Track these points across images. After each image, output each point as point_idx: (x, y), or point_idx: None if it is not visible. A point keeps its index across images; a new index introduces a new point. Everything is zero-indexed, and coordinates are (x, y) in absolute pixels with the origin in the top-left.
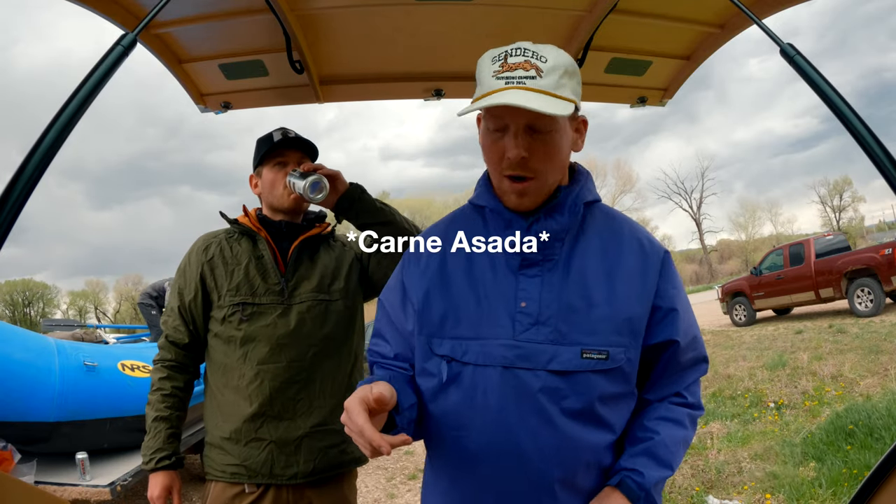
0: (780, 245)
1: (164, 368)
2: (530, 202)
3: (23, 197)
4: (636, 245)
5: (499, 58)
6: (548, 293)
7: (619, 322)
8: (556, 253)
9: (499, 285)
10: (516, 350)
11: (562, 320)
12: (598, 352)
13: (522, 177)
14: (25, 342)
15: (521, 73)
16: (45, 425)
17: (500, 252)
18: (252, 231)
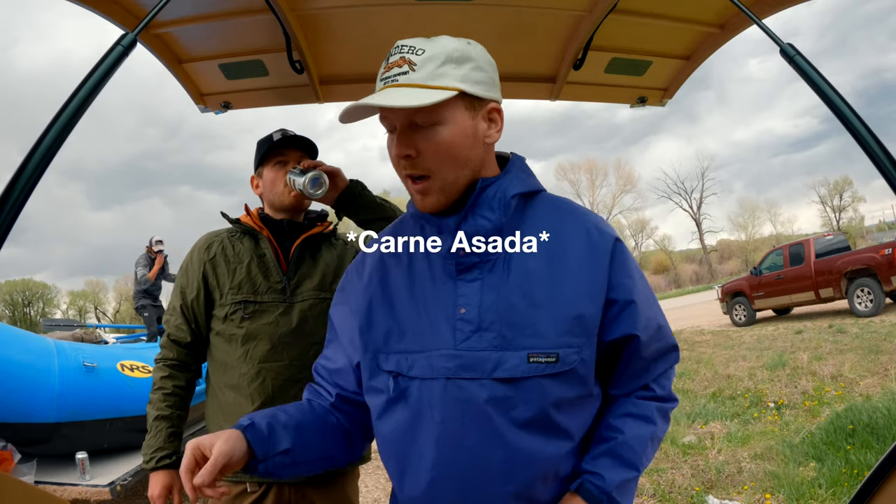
0: (780, 245)
1: (165, 367)
2: (434, 202)
3: (23, 197)
4: (583, 235)
5: (386, 59)
6: (488, 296)
7: (569, 321)
8: (494, 252)
9: (437, 293)
10: (458, 360)
11: (505, 324)
12: (547, 355)
13: (420, 176)
14: (25, 343)
15: (395, 72)
16: (45, 426)
17: (437, 258)
18: (254, 230)
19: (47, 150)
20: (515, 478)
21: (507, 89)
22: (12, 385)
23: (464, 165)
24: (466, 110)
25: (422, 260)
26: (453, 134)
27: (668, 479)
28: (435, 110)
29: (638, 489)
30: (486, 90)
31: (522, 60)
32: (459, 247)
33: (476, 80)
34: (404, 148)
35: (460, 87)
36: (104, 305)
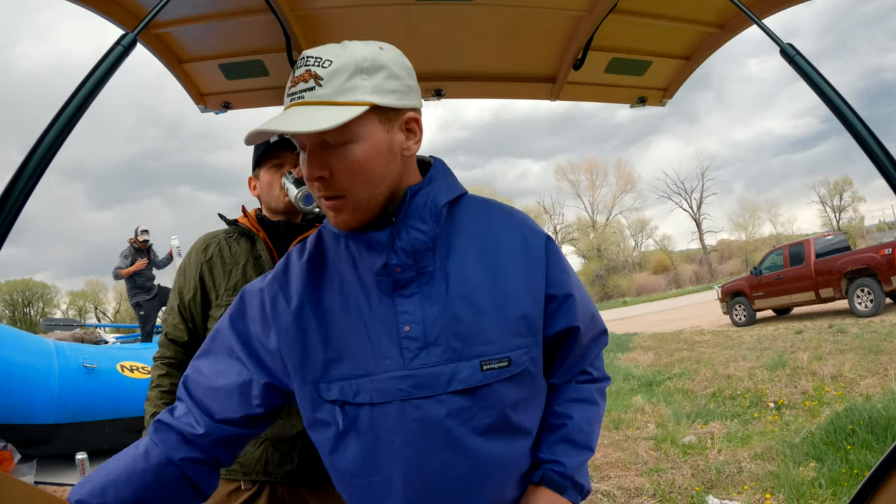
0: (780, 245)
1: (163, 366)
2: (349, 219)
3: (23, 197)
4: (516, 236)
5: (293, 73)
6: (431, 310)
7: (515, 323)
8: (430, 264)
9: (376, 313)
10: (411, 380)
11: (452, 336)
12: (499, 360)
13: (334, 195)
14: (25, 345)
15: (301, 87)
16: (46, 427)
17: (369, 277)
18: (251, 231)
19: (47, 150)
20: (488, 485)
21: (507, 89)
22: (12, 386)
23: (379, 183)
24: (381, 124)
25: (352, 279)
26: (367, 152)
27: (668, 479)
28: (346, 128)
29: (638, 489)
30: (401, 99)
31: (522, 60)
32: (394, 263)
33: (390, 90)
34: (316, 170)
35: (372, 101)
36: (104, 305)
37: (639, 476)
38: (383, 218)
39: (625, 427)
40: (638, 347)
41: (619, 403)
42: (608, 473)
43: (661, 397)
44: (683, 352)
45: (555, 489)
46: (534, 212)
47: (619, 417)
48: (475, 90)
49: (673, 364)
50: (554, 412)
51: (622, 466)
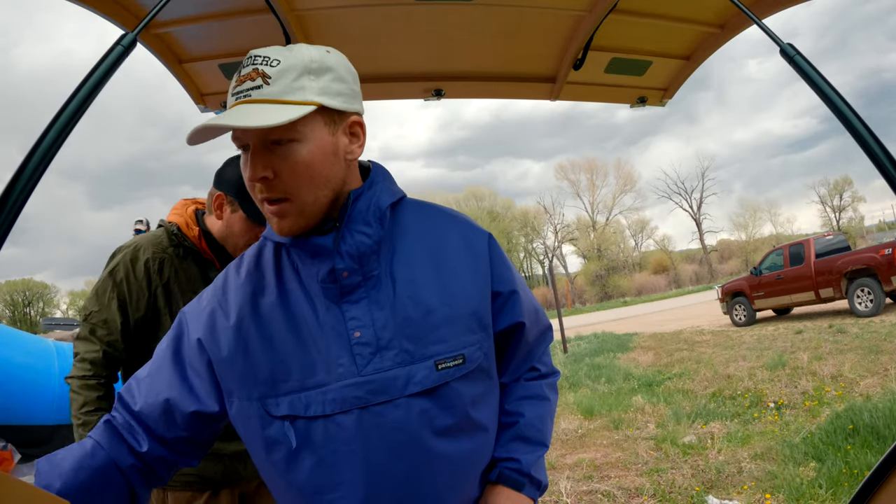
0: (780, 245)
1: (100, 386)
2: (292, 224)
3: (23, 197)
4: (459, 236)
5: (238, 72)
6: (380, 314)
7: (465, 319)
8: (375, 268)
9: (324, 322)
10: (367, 386)
11: (404, 338)
12: (453, 358)
13: (276, 199)
14: (25, 345)
15: (248, 85)
16: (46, 428)
17: (314, 285)
18: (202, 258)
19: (47, 150)
20: (455, 485)
21: (507, 89)
22: (13, 387)
23: (324, 185)
24: (326, 125)
25: (295, 289)
26: (312, 152)
27: (668, 479)
28: (291, 127)
29: (638, 489)
30: (346, 102)
31: (522, 60)
32: (340, 268)
33: (336, 93)
34: (260, 170)
35: (318, 101)
36: None
37: (639, 476)
38: (327, 223)
39: (625, 427)
40: (638, 347)
41: (619, 403)
42: (608, 473)
43: (661, 397)
44: (683, 352)
45: (512, 486)
46: (534, 212)
47: (619, 417)
48: (475, 90)
49: (673, 364)
50: (505, 411)
51: (622, 466)
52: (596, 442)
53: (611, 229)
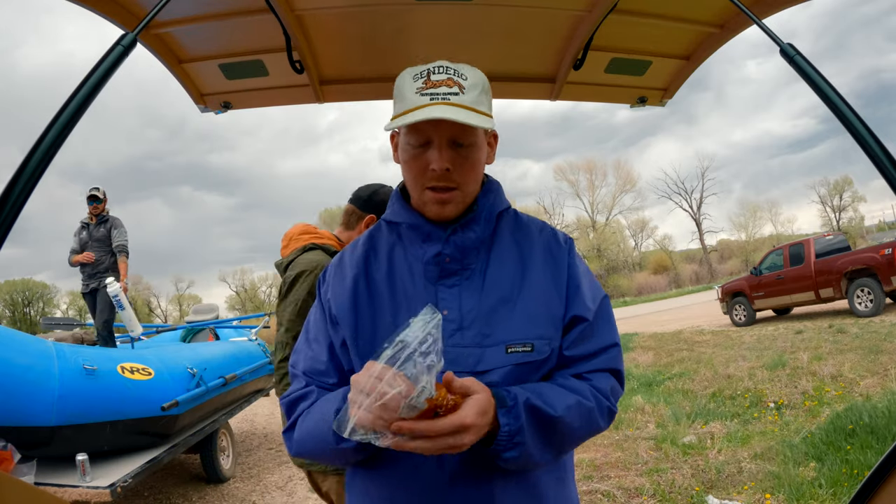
0: (780, 245)
1: None
2: (452, 210)
3: (23, 197)
4: (545, 243)
5: (420, 75)
6: (468, 301)
7: (542, 316)
8: (473, 262)
9: (420, 296)
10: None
11: (484, 323)
12: (523, 345)
13: (445, 187)
14: (25, 346)
15: (444, 90)
16: (46, 429)
17: (419, 265)
18: None
19: (47, 150)
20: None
21: (507, 89)
22: (13, 388)
23: (478, 183)
24: (485, 135)
25: (402, 265)
26: (479, 156)
27: (668, 479)
28: (476, 132)
29: (638, 489)
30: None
31: (522, 60)
32: (445, 253)
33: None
34: (446, 161)
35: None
36: None
37: (639, 476)
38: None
39: (625, 427)
40: (638, 347)
41: (619, 403)
42: (608, 473)
43: (661, 397)
44: (683, 352)
45: (498, 401)
46: (533, 212)
47: (619, 417)
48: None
49: (673, 364)
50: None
51: (622, 466)
52: (596, 442)
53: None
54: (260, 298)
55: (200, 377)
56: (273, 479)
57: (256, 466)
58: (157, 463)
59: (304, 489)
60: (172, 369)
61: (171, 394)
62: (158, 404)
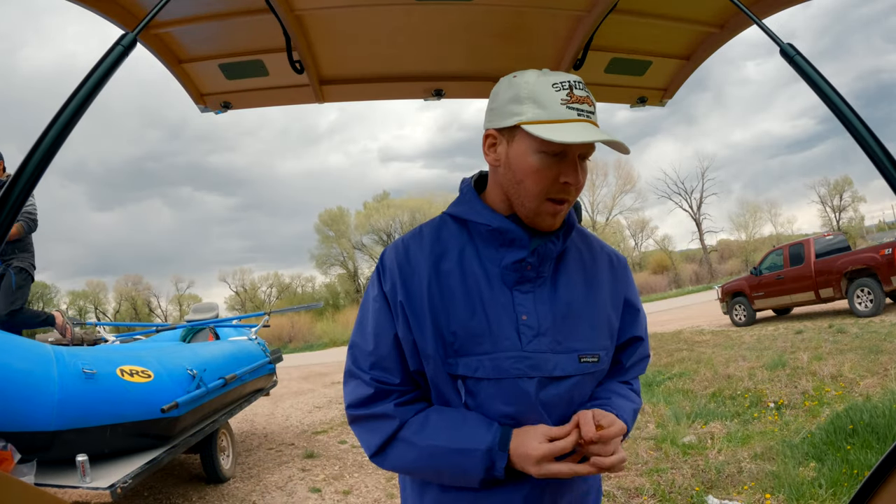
0: (780, 245)
1: None
2: (560, 222)
3: (23, 197)
4: (606, 260)
5: (562, 86)
6: (542, 307)
7: (604, 328)
8: (546, 271)
9: (497, 300)
10: (527, 360)
11: (557, 330)
12: (592, 356)
13: (564, 199)
14: (23, 351)
15: (587, 108)
16: (46, 434)
17: (495, 268)
18: None
19: (47, 150)
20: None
21: None
22: (12, 393)
23: None
24: None
25: (475, 266)
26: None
27: (668, 479)
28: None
29: (638, 489)
30: None
31: (522, 60)
32: (529, 261)
33: None
34: (580, 176)
35: None
36: (104, 305)
37: (639, 476)
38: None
39: None
40: None
41: None
42: (608, 473)
43: (661, 397)
44: (683, 352)
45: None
46: None
47: None
48: (475, 90)
49: (673, 364)
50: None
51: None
52: None
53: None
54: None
55: (200, 378)
56: (273, 479)
57: (256, 466)
58: (158, 463)
59: (305, 489)
60: (172, 371)
61: (170, 395)
62: (158, 406)
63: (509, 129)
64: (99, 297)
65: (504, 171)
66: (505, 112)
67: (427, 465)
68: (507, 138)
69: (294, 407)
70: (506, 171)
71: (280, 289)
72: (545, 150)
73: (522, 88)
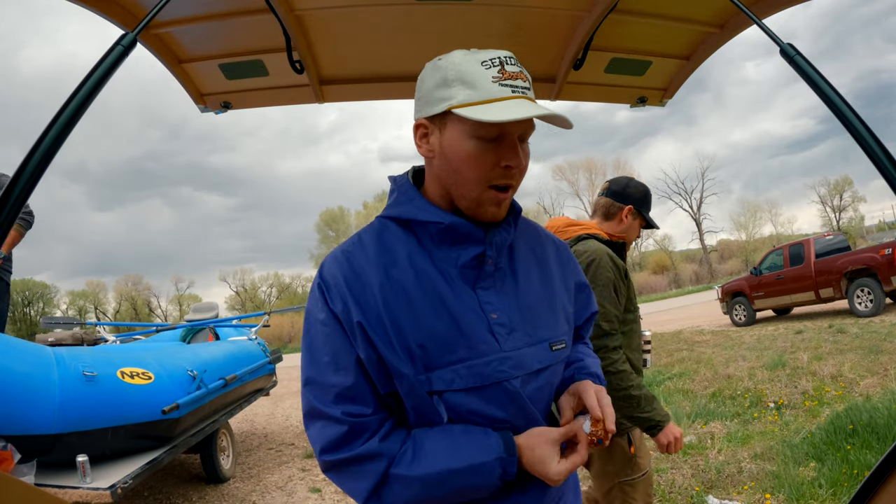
0: (780, 245)
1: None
2: (504, 210)
3: (23, 197)
4: (551, 244)
5: (492, 63)
6: (507, 300)
7: (560, 314)
8: (503, 261)
9: (463, 303)
10: (509, 361)
11: (526, 322)
12: (560, 342)
13: (507, 185)
14: (23, 354)
15: (521, 84)
16: (47, 438)
17: (452, 268)
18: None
19: (47, 150)
20: None
21: None
22: (12, 397)
23: None
24: None
25: (429, 269)
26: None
27: (668, 479)
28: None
29: None
30: None
31: (522, 60)
32: (490, 255)
33: None
34: (521, 158)
35: None
36: (104, 306)
37: None
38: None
39: None
40: None
41: None
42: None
43: (661, 397)
44: (683, 352)
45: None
46: (533, 212)
47: None
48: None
49: (673, 364)
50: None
51: None
52: None
53: None
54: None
55: (201, 379)
56: (273, 479)
57: (256, 466)
58: (158, 464)
59: (305, 489)
60: (172, 372)
61: (171, 397)
62: (159, 408)
63: (440, 116)
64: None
65: (439, 163)
66: (433, 98)
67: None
68: (439, 126)
69: (294, 407)
70: (441, 162)
71: (280, 289)
72: (480, 133)
73: (449, 70)
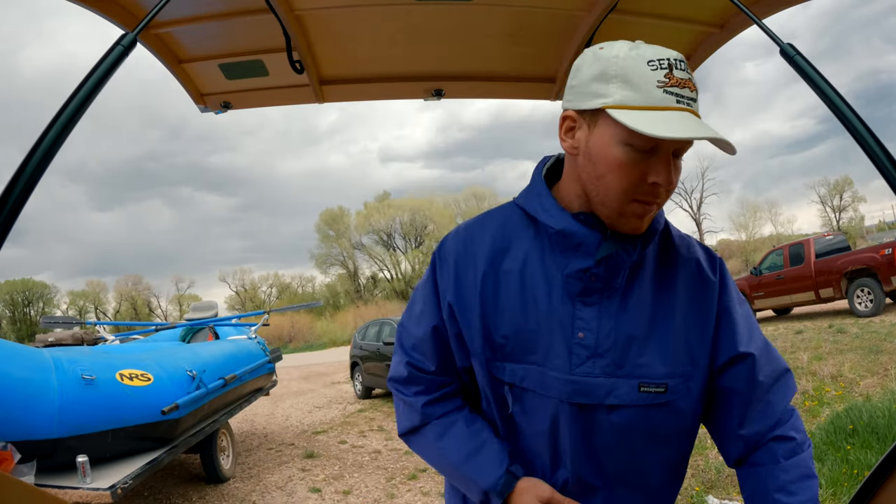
0: (780, 245)
1: None
2: (646, 225)
3: (23, 197)
4: (694, 266)
5: (660, 64)
6: (606, 323)
7: (680, 351)
8: (617, 282)
9: (556, 311)
10: (572, 386)
11: (619, 352)
12: (657, 385)
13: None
14: (22, 359)
15: (688, 94)
16: (48, 442)
17: (558, 275)
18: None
19: (47, 150)
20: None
21: (507, 89)
22: (12, 402)
23: None
24: None
25: (536, 269)
26: None
27: None
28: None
29: None
30: None
31: (522, 60)
32: (595, 271)
33: None
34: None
35: None
36: (104, 305)
37: None
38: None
39: None
40: None
41: None
42: None
43: None
44: None
45: None
46: None
47: None
48: (475, 90)
49: None
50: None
51: None
52: None
53: None
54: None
55: (200, 379)
56: (273, 479)
57: (256, 466)
58: (158, 464)
59: (305, 489)
60: (171, 373)
61: (170, 398)
62: (159, 409)
63: (592, 113)
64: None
65: (583, 162)
66: (588, 91)
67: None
68: (589, 123)
69: (294, 407)
70: (585, 162)
71: (280, 289)
72: (633, 142)
73: (611, 64)
